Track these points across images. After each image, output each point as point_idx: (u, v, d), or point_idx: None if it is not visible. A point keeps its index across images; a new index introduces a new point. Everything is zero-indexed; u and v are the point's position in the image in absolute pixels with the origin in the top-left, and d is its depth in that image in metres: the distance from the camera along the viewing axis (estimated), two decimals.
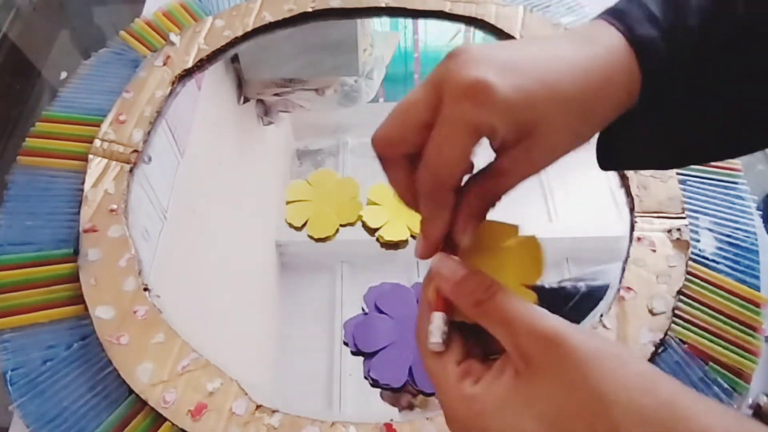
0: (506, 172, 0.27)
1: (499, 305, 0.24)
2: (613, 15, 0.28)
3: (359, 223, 0.58)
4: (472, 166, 0.27)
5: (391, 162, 0.27)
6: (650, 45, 0.27)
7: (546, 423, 0.22)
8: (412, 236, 0.57)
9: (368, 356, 0.49)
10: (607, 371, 0.22)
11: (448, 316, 0.27)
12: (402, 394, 0.47)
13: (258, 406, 0.43)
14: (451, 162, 0.25)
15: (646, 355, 0.44)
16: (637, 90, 0.27)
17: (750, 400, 0.44)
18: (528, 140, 0.26)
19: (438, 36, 0.77)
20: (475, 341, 0.27)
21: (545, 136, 0.26)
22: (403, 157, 0.27)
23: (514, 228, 0.29)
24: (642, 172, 0.54)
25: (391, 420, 0.42)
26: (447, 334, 0.27)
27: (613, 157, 0.31)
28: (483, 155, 0.27)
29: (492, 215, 0.29)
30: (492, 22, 0.66)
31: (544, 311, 0.24)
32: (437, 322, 0.27)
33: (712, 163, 0.56)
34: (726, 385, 0.43)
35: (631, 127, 0.29)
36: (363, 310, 0.52)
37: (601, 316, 0.47)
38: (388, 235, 0.57)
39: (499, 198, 0.28)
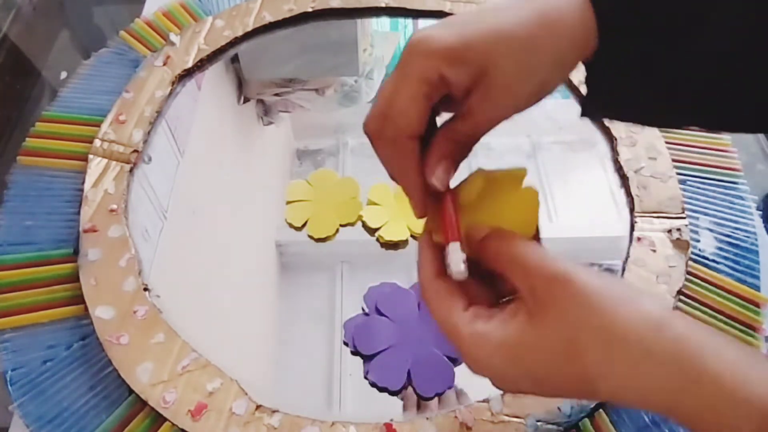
0: (471, 112, 0.28)
1: (514, 251, 0.26)
2: None
3: (359, 223, 0.58)
4: (430, 119, 0.28)
5: (378, 142, 0.29)
6: None
7: (559, 358, 0.24)
8: (413, 236, 0.57)
9: (367, 358, 0.49)
10: (615, 307, 0.23)
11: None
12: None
13: (258, 406, 0.43)
14: (404, 109, 0.27)
15: None
16: (594, 31, 0.27)
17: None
18: (484, 80, 0.27)
19: None
20: (480, 291, 0.28)
21: (497, 74, 0.27)
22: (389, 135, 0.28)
23: (521, 173, 0.30)
24: (642, 172, 0.54)
25: (391, 420, 0.42)
26: (465, 262, 0.27)
27: (591, 103, 0.31)
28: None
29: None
30: None
31: (554, 256, 0.26)
32: (456, 253, 0.27)
33: (713, 163, 0.56)
34: None
35: (604, 73, 0.29)
36: (363, 310, 0.52)
37: None
38: (388, 235, 0.57)
39: (470, 141, 0.29)
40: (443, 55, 0.26)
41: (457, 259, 0.27)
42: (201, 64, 0.65)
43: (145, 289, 0.48)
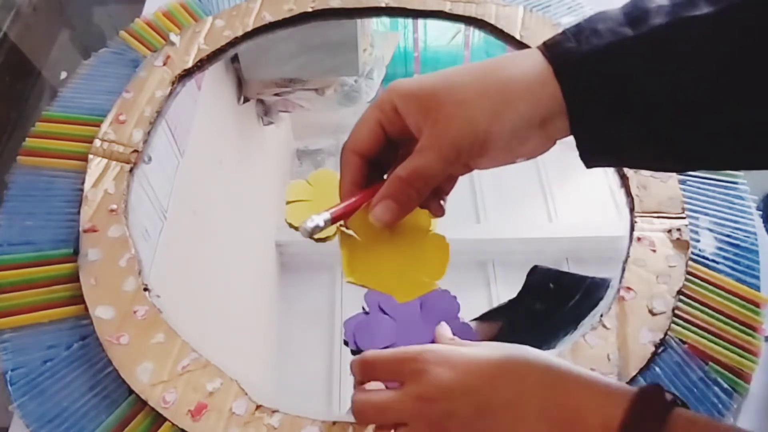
0: (416, 149, 0.31)
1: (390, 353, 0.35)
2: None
3: None
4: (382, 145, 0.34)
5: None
6: (556, 40, 0.31)
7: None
8: None
9: None
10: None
11: None
12: None
13: (258, 406, 0.43)
14: (357, 129, 0.34)
15: (645, 356, 0.44)
16: (553, 82, 0.30)
17: None
18: (429, 118, 0.31)
19: (438, 36, 0.77)
20: None
21: (439, 113, 0.30)
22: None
23: (427, 220, 0.34)
24: (642, 171, 0.54)
25: None
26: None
27: (585, 152, 0.34)
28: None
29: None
30: (492, 22, 0.66)
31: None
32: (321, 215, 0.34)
33: None
34: (726, 385, 0.43)
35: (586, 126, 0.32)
36: (363, 309, 0.52)
37: (601, 316, 0.47)
38: None
39: (418, 182, 0.32)
40: (399, 92, 0.32)
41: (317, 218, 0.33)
42: (201, 64, 0.65)
43: (145, 289, 0.48)
